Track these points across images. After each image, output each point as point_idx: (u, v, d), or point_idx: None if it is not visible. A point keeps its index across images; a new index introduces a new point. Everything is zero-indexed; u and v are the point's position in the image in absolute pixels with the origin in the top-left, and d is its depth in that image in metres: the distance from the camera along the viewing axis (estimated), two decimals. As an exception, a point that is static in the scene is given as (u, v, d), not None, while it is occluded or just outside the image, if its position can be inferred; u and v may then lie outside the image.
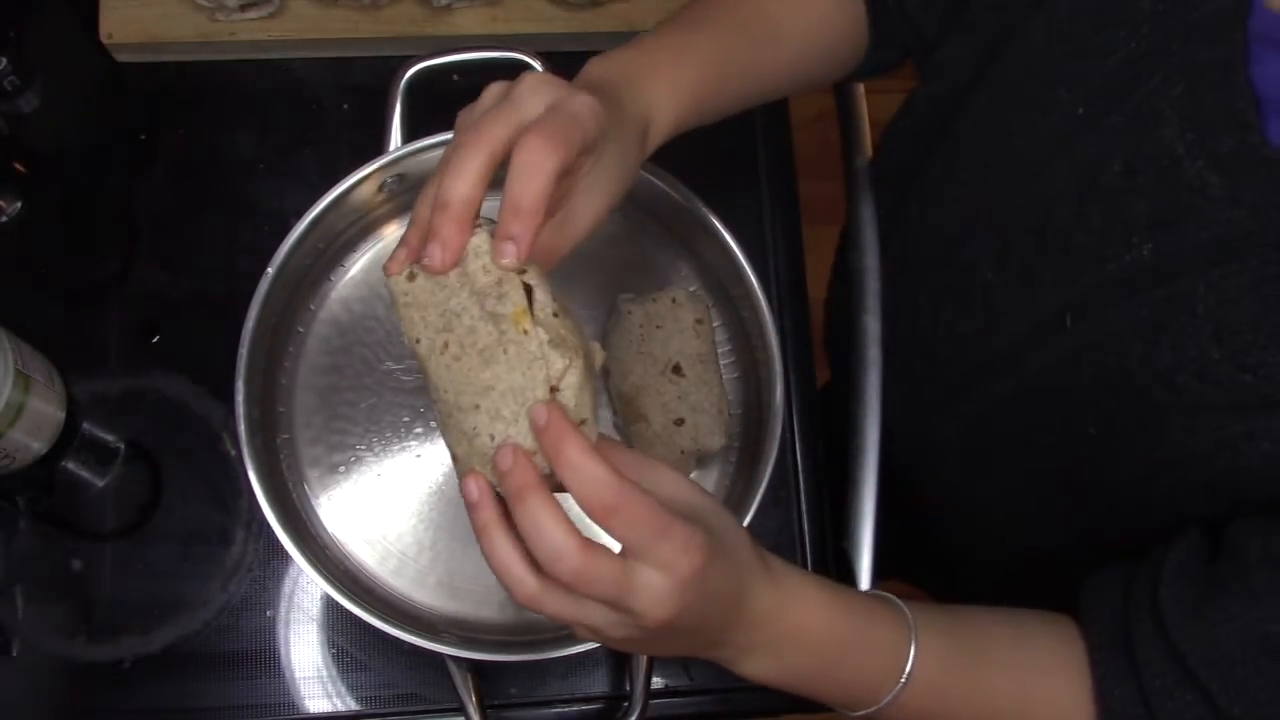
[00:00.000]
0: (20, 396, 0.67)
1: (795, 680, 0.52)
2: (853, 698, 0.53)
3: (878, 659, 0.52)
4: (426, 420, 0.74)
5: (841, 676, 0.52)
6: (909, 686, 0.51)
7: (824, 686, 0.53)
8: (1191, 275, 0.47)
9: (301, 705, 0.73)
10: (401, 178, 0.73)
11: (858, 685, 0.53)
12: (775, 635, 0.50)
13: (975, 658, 0.53)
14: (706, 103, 0.58)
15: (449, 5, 0.81)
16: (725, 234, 0.71)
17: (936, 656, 0.52)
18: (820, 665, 0.52)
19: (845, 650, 0.52)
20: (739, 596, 0.48)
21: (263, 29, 0.80)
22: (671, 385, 0.71)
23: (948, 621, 0.54)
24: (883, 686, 0.52)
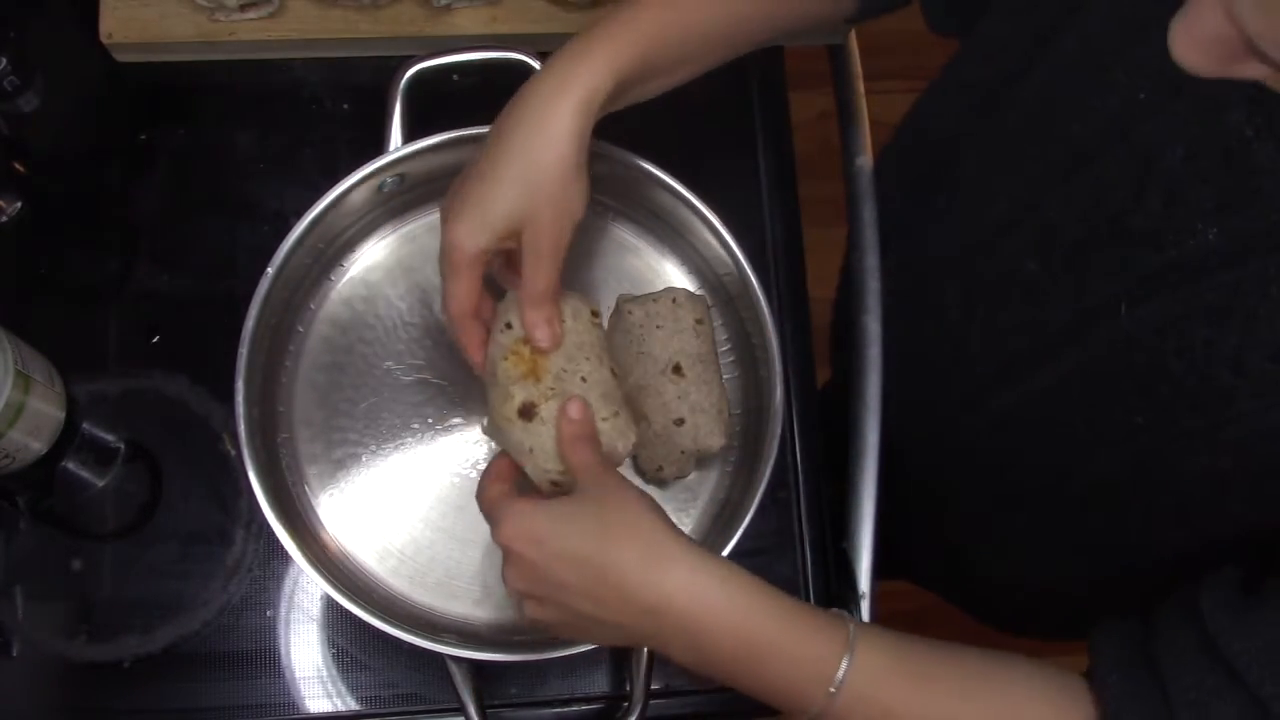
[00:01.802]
0: (20, 396, 0.67)
1: (722, 675, 0.54)
2: (784, 702, 0.54)
3: (804, 666, 0.52)
4: (426, 420, 0.74)
5: (766, 677, 0.53)
6: (840, 698, 0.52)
7: (752, 685, 0.54)
8: (1262, 258, 0.46)
9: (302, 705, 0.73)
10: (401, 178, 0.73)
11: (784, 689, 0.53)
12: (680, 625, 0.52)
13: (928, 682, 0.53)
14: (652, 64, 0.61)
15: (449, 5, 0.81)
16: (725, 234, 0.71)
17: (876, 673, 0.52)
18: (738, 663, 0.53)
19: (766, 651, 0.53)
20: (602, 569, 0.53)
21: (263, 29, 0.80)
22: (671, 385, 0.71)
23: (905, 645, 0.54)
24: (811, 694, 0.52)
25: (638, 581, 0.53)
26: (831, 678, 0.52)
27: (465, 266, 0.59)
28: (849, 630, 0.53)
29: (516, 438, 0.61)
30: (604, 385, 0.62)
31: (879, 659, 0.53)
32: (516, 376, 0.61)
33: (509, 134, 0.58)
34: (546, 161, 0.57)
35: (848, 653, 0.52)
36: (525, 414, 0.60)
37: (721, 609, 0.53)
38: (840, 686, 0.52)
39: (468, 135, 0.71)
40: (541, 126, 0.58)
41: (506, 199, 0.58)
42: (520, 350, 0.61)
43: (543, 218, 0.58)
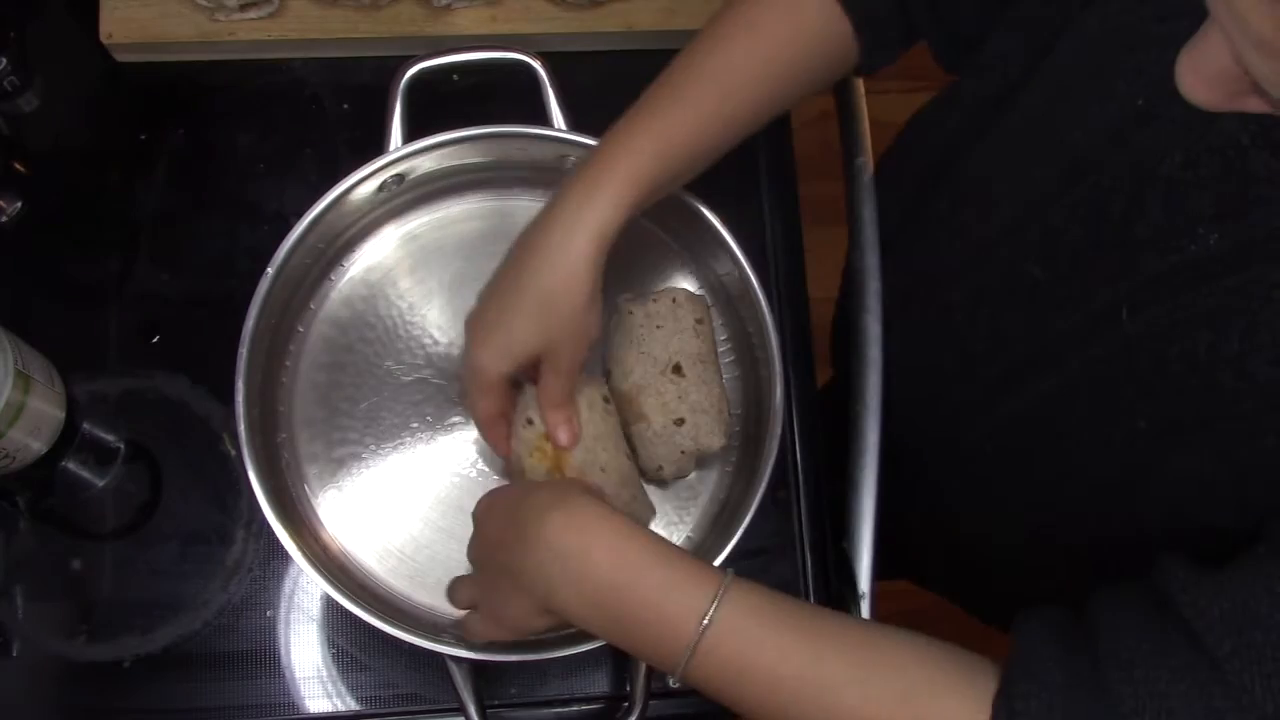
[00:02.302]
0: (20, 396, 0.67)
1: (600, 617, 0.55)
2: (659, 643, 0.54)
3: (675, 600, 0.53)
4: (427, 421, 0.74)
5: (641, 614, 0.54)
6: (708, 635, 0.52)
7: (629, 628, 0.55)
8: (1263, 262, 0.47)
9: (301, 705, 0.73)
10: (401, 178, 0.73)
11: (661, 626, 0.53)
12: (569, 568, 0.55)
13: (797, 621, 0.53)
14: (660, 185, 0.64)
15: (449, 5, 0.81)
16: (726, 234, 0.71)
17: (748, 607, 0.53)
18: (618, 600, 0.54)
19: (643, 586, 0.54)
20: (516, 507, 0.58)
21: (263, 29, 0.80)
22: (672, 385, 0.71)
23: (774, 595, 0.54)
24: (682, 631, 0.52)
25: (539, 522, 0.56)
26: (700, 615, 0.52)
27: (490, 387, 0.65)
28: (726, 578, 0.54)
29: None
30: (621, 470, 0.67)
31: (754, 598, 0.53)
32: (542, 472, 0.66)
33: (527, 263, 0.62)
34: (564, 292, 0.61)
35: (720, 595, 0.53)
36: None
37: (606, 546, 0.55)
38: (708, 624, 0.52)
39: (468, 135, 0.71)
40: (558, 260, 0.61)
41: (527, 330, 0.62)
42: (544, 446, 0.66)
43: (562, 344, 0.63)
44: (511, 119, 0.72)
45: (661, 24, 0.83)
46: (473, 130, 0.71)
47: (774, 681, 0.52)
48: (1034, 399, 0.62)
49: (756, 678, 0.52)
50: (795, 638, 0.52)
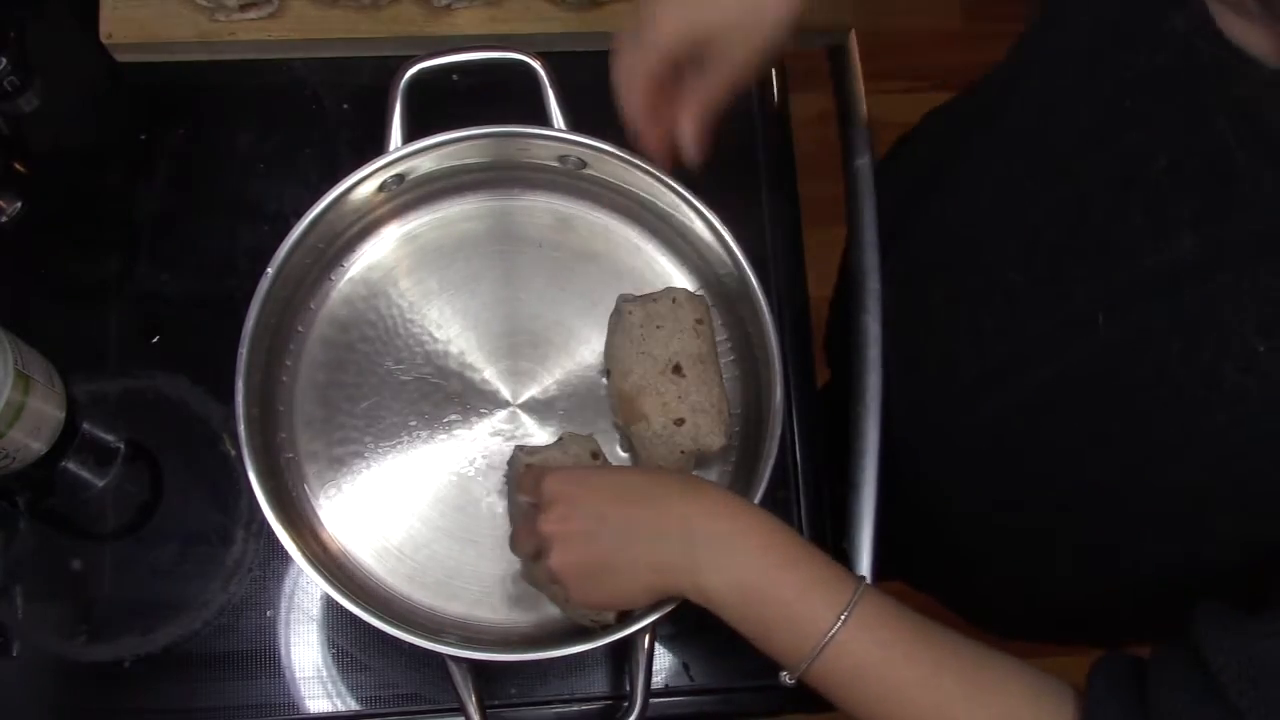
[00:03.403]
0: (20, 396, 0.67)
1: (744, 603, 0.55)
2: (785, 637, 0.55)
3: (810, 602, 0.54)
4: (427, 420, 0.74)
5: (782, 606, 0.55)
6: (837, 638, 0.53)
7: (762, 617, 0.55)
8: (1235, 269, 0.47)
9: (301, 705, 0.73)
10: (401, 178, 0.73)
11: (790, 621, 0.54)
12: (714, 543, 0.55)
13: (921, 637, 0.54)
14: None
15: (449, 5, 0.81)
16: (725, 234, 0.71)
17: (878, 617, 0.54)
18: (757, 592, 0.55)
19: (788, 578, 0.55)
20: (644, 489, 0.58)
21: (263, 29, 0.80)
22: (672, 385, 0.71)
23: (904, 610, 0.55)
24: (811, 631, 0.53)
25: (679, 501, 0.57)
26: (833, 617, 0.53)
27: (663, 52, 0.61)
28: (860, 586, 0.55)
29: (551, 589, 0.66)
30: None
31: (881, 618, 0.54)
32: None
33: None
34: None
35: (854, 601, 0.54)
36: None
37: (754, 531, 0.56)
38: (839, 627, 0.53)
39: (468, 135, 0.71)
40: None
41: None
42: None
43: (745, 29, 0.61)
44: (511, 119, 0.72)
45: (661, 24, 0.83)
46: (473, 130, 0.71)
47: (889, 690, 0.53)
48: (1011, 402, 0.62)
49: (873, 685, 0.54)
50: (915, 650, 0.53)
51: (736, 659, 0.76)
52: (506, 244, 0.77)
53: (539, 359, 0.75)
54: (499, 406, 0.74)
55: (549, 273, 0.77)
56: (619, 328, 0.73)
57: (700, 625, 0.76)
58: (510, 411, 0.74)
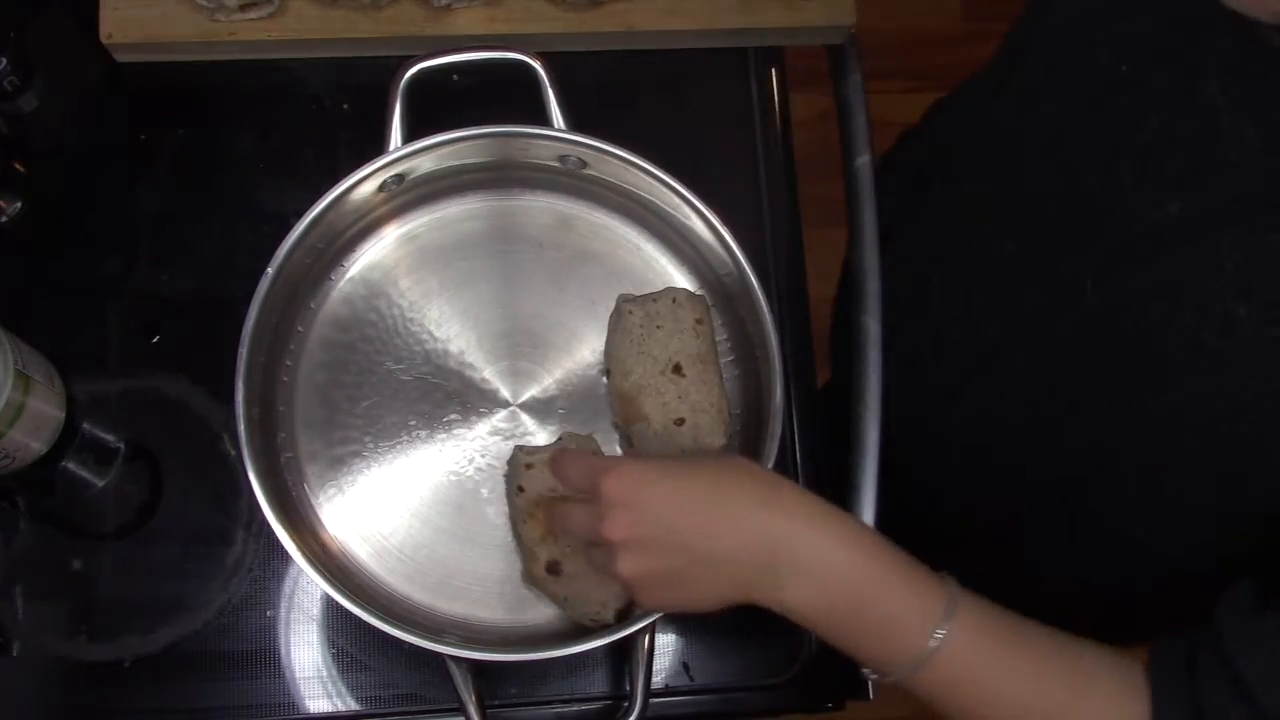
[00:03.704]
0: (20, 397, 0.67)
1: (828, 618, 0.53)
2: (883, 651, 0.53)
3: (910, 613, 0.52)
4: (427, 420, 0.74)
5: (870, 624, 0.53)
6: (940, 651, 0.51)
7: (855, 632, 0.53)
8: (1218, 232, 0.47)
9: (302, 705, 0.73)
10: (401, 178, 0.73)
11: (887, 637, 0.52)
12: (799, 562, 0.52)
13: (1018, 646, 0.52)
14: None
15: (449, 5, 0.81)
16: (725, 234, 0.71)
17: (975, 630, 0.52)
18: (849, 607, 0.53)
19: (875, 593, 0.52)
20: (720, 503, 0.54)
21: (263, 29, 0.80)
22: (672, 385, 0.71)
23: (997, 615, 0.53)
24: (912, 644, 0.51)
25: (756, 513, 0.53)
26: (932, 631, 0.51)
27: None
28: (954, 590, 0.53)
29: (551, 589, 0.68)
30: None
31: (980, 623, 0.52)
32: (537, 538, 0.68)
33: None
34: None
35: (951, 610, 0.52)
36: (552, 570, 0.68)
37: (840, 542, 0.53)
38: (941, 641, 0.51)
39: (468, 135, 0.71)
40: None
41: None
42: (535, 513, 0.68)
43: None
44: (511, 119, 0.72)
45: (661, 24, 0.83)
46: (473, 130, 0.71)
47: (993, 699, 0.52)
48: (1005, 382, 0.63)
49: (976, 694, 0.52)
50: (1018, 656, 0.52)
51: (736, 659, 0.76)
52: (506, 244, 0.77)
53: (539, 359, 0.75)
54: (499, 406, 0.74)
55: (549, 273, 0.77)
56: (619, 328, 0.73)
57: (700, 625, 0.76)
58: (510, 411, 0.74)
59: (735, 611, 0.76)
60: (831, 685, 0.76)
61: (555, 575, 0.68)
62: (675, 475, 0.56)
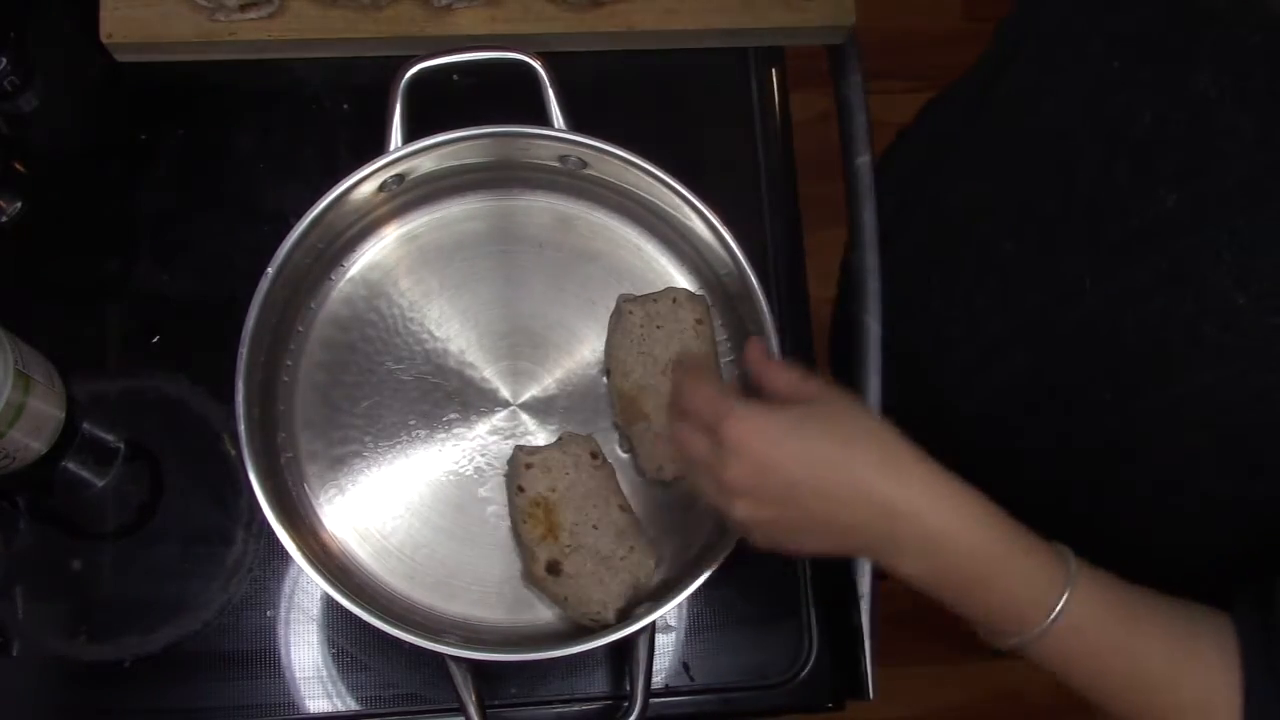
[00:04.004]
0: (20, 397, 0.67)
1: (944, 588, 0.53)
2: (1000, 622, 0.53)
3: (1030, 587, 0.52)
4: (427, 420, 0.74)
5: (990, 597, 0.53)
6: (1058, 623, 0.51)
7: (972, 602, 0.53)
8: (1216, 223, 0.47)
9: (302, 705, 0.73)
10: (401, 178, 0.73)
11: (1006, 609, 0.53)
12: (920, 535, 0.52)
13: (1132, 616, 0.53)
14: None
15: (449, 5, 0.81)
16: (725, 234, 0.71)
17: (1092, 602, 0.52)
18: (969, 580, 0.53)
19: (996, 568, 0.52)
20: (842, 468, 0.53)
21: (263, 29, 0.80)
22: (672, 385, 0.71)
23: (1117, 586, 0.53)
24: (1031, 617, 0.52)
25: (879, 483, 0.52)
26: (1054, 603, 0.51)
27: None
28: (1071, 562, 0.53)
29: (551, 589, 0.69)
30: (616, 525, 0.70)
31: (1093, 586, 0.52)
32: (537, 538, 0.68)
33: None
34: None
35: (1070, 581, 0.52)
36: (552, 570, 0.68)
37: (961, 516, 0.52)
38: (1061, 611, 0.51)
39: (468, 135, 0.71)
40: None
41: None
42: (535, 513, 0.69)
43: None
44: (511, 119, 0.72)
45: (661, 24, 0.83)
46: (473, 130, 0.71)
47: (1105, 669, 0.53)
48: (1006, 381, 0.62)
49: (1089, 665, 0.53)
50: (1129, 630, 0.52)
51: (736, 659, 0.76)
52: (506, 244, 0.77)
53: (539, 359, 0.75)
54: (499, 406, 0.75)
55: (549, 273, 0.77)
56: (619, 328, 0.73)
57: (700, 625, 0.76)
58: (510, 411, 0.75)
59: (735, 611, 0.77)
60: (831, 685, 0.76)
61: (555, 575, 0.68)
62: (801, 434, 0.54)
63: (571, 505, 0.69)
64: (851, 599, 0.75)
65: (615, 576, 0.68)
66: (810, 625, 0.77)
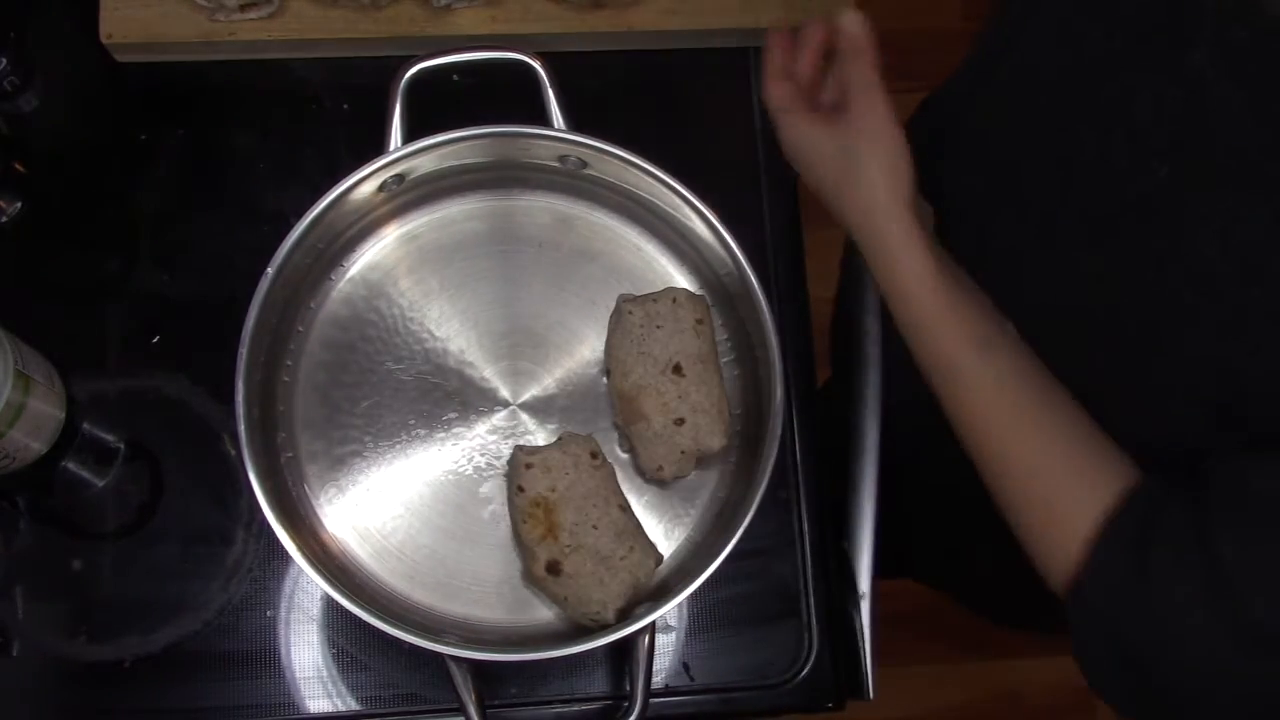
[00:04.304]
0: (20, 397, 0.67)
1: (899, 309, 0.60)
2: (929, 359, 0.59)
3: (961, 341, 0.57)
4: (427, 420, 0.74)
5: (942, 332, 0.58)
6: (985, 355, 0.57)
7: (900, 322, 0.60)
8: (1205, 194, 0.48)
9: (302, 705, 0.73)
10: (401, 178, 0.73)
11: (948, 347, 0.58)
12: (887, 277, 0.60)
13: (1047, 402, 0.57)
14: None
15: (449, 5, 0.81)
16: (725, 234, 0.71)
17: (1014, 368, 0.57)
18: (914, 323, 0.59)
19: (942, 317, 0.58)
20: (848, 184, 0.61)
21: (263, 29, 0.80)
22: (672, 385, 0.71)
23: (1039, 365, 0.58)
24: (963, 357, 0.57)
25: (876, 206, 0.60)
26: (975, 353, 0.57)
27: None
28: (1009, 332, 0.58)
29: (550, 589, 0.69)
30: (616, 525, 0.69)
31: (1024, 363, 0.57)
32: (537, 538, 0.68)
33: None
34: None
35: (992, 345, 0.57)
36: (552, 570, 0.68)
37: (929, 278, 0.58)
38: (979, 362, 0.57)
39: (468, 135, 0.71)
40: None
41: None
42: (535, 513, 0.69)
43: None
44: (511, 119, 0.72)
45: (661, 24, 0.83)
46: (473, 130, 0.71)
47: (1005, 439, 0.57)
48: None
49: (988, 421, 0.58)
50: (1038, 416, 0.57)
51: (736, 659, 0.76)
52: (506, 244, 0.77)
53: (539, 359, 0.75)
54: (499, 406, 0.75)
55: (549, 273, 0.77)
56: (619, 328, 0.73)
57: (700, 625, 0.76)
58: (510, 411, 0.75)
59: (735, 611, 0.77)
60: (831, 685, 0.76)
61: (555, 575, 0.68)
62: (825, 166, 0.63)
63: (571, 505, 0.69)
64: (851, 599, 0.75)
65: (615, 576, 0.68)
66: (810, 625, 0.77)
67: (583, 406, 0.75)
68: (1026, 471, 0.56)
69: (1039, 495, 0.55)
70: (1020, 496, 0.57)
